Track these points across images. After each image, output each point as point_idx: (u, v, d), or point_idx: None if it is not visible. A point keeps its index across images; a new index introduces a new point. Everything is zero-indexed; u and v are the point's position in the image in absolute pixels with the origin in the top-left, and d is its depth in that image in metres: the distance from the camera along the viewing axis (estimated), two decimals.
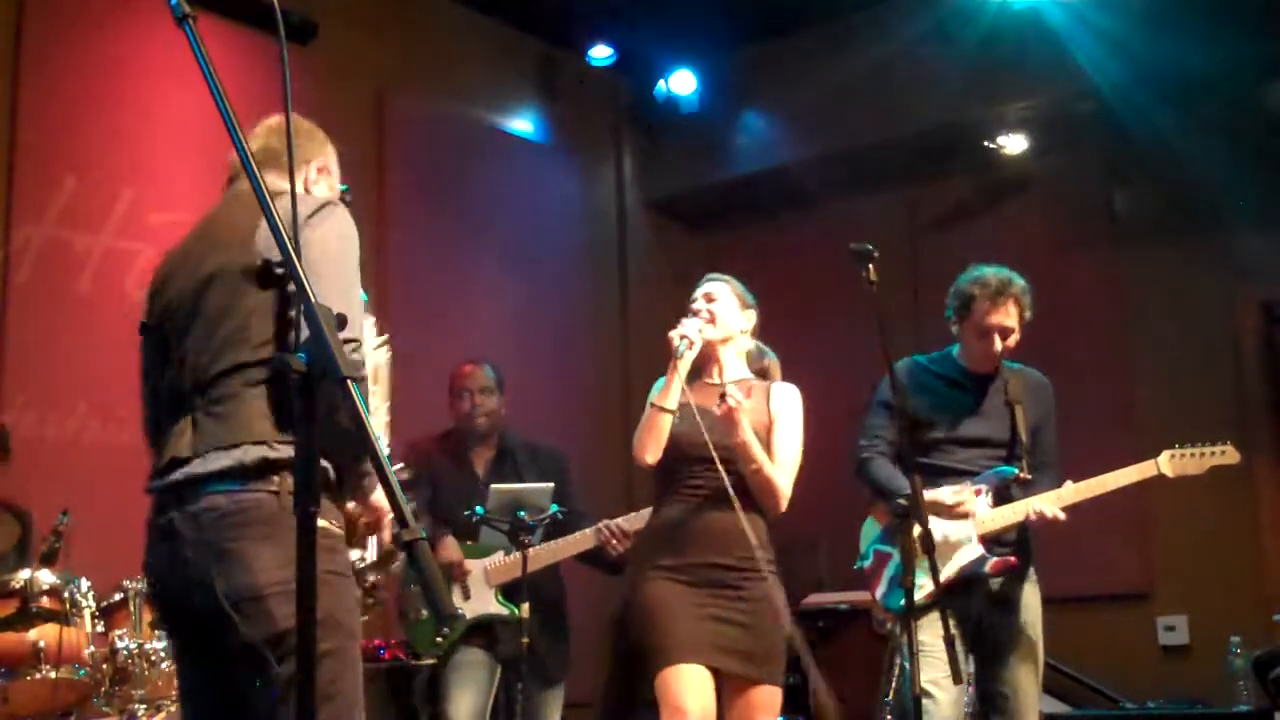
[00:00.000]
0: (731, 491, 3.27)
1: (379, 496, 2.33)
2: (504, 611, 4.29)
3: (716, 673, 3.30)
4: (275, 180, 2.39)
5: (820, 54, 6.80)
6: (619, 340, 7.20)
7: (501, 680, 4.37)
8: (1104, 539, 3.87)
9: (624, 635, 6.27)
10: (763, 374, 3.67)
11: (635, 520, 4.18)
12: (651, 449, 3.39)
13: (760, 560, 3.37)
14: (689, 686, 3.22)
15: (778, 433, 3.50)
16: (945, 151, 6.77)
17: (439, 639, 4.30)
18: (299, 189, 2.44)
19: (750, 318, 3.67)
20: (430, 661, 4.39)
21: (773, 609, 3.36)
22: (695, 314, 3.57)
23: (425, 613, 4.31)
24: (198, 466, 2.13)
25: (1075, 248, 6.41)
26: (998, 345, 3.83)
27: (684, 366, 3.38)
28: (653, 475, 3.51)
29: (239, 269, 2.20)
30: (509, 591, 4.29)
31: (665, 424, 3.38)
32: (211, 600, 2.08)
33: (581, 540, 4.30)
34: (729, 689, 3.32)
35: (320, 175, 2.54)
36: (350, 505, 2.31)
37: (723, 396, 3.30)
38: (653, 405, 3.42)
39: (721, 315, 3.59)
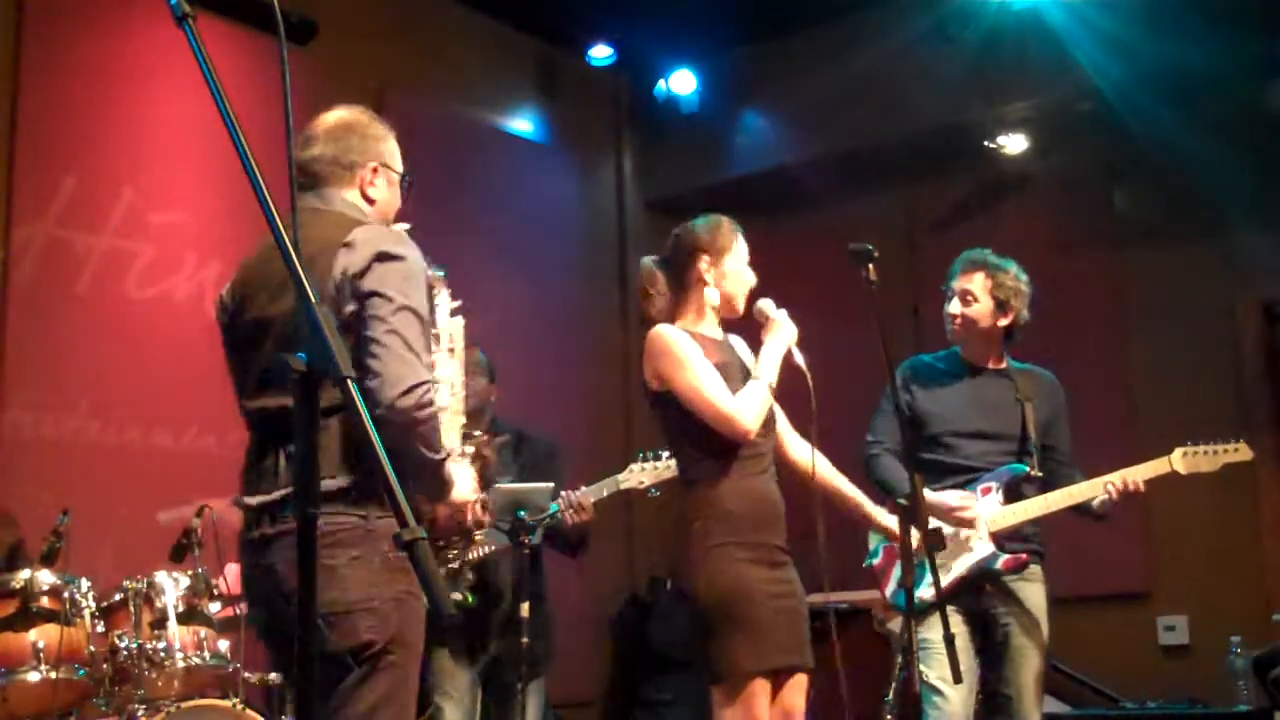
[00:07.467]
0: (775, 465, 3.28)
1: (459, 491, 2.60)
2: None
3: None
4: (332, 193, 2.62)
5: (820, 54, 6.79)
6: (619, 340, 7.19)
7: (482, 680, 4.35)
8: (1104, 539, 3.87)
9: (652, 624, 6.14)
10: None
11: (589, 494, 4.18)
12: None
13: None
14: (765, 695, 3.15)
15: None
16: (945, 151, 6.77)
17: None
18: (355, 198, 2.66)
19: None
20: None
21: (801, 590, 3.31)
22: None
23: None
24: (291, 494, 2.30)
25: (1075, 248, 6.41)
26: (955, 308, 3.88)
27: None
28: (687, 445, 3.32)
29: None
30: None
31: None
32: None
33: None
34: (782, 674, 3.24)
35: (376, 175, 2.69)
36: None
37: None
38: (768, 384, 3.29)
39: None
